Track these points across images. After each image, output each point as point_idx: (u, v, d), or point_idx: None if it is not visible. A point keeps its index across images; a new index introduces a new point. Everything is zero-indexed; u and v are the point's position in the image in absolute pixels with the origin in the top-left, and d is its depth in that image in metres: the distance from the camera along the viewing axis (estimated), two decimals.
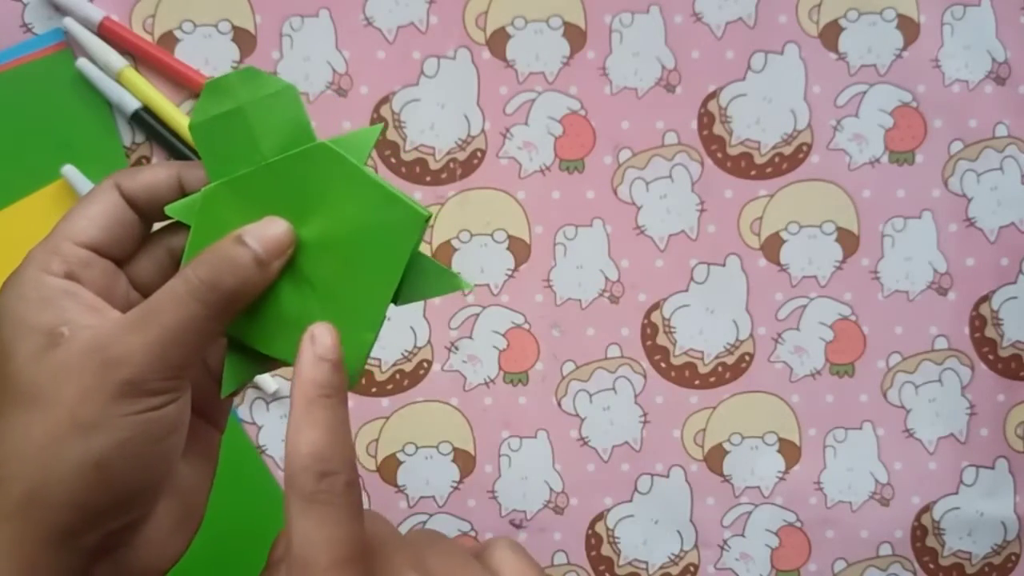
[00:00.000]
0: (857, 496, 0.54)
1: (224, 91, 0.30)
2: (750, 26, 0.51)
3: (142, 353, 0.27)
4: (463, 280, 0.30)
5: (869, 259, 0.53)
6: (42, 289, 0.29)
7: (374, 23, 0.51)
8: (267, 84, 0.30)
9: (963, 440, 0.54)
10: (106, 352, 0.27)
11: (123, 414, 0.27)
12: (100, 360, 0.27)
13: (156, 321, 0.27)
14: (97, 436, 0.27)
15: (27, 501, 0.27)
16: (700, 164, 0.52)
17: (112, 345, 0.27)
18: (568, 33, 0.51)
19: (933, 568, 0.54)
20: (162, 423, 0.28)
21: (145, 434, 0.28)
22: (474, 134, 0.52)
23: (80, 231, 0.30)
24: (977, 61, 0.51)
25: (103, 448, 0.27)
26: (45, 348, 0.28)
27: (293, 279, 0.30)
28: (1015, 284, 0.53)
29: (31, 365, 0.28)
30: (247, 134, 0.30)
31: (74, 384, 0.27)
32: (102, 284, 0.30)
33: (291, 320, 0.30)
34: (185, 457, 0.31)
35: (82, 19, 0.50)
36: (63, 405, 0.27)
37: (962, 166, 0.52)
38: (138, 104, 0.50)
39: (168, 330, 0.27)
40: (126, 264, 0.31)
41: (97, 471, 0.27)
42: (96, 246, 0.30)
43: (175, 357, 0.28)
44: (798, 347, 0.53)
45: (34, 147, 0.51)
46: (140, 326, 0.28)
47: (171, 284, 0.28)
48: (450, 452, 0.53)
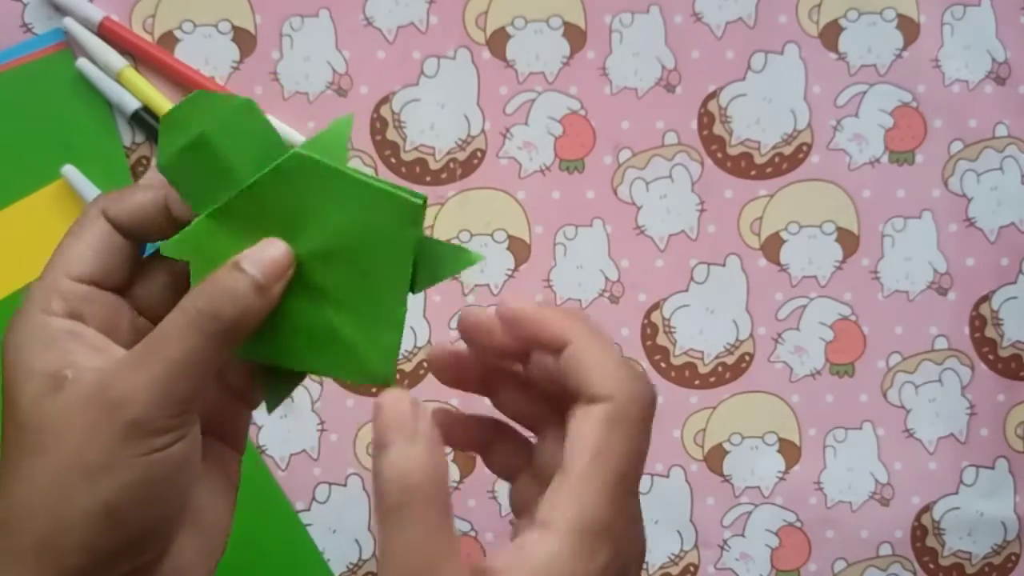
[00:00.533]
0: (857, 496, 0.54)
1: (180, 122, 0.29)
2: (750, 26, 0.51)
3: (146, 391, 0.27)
4: (474, 253, 0.29)
5: (869, 259, 0.53)
6: (45, 331, 0.28)
7: (374, 23, 0.51)
8: (222, 104, 0.29)
9: (963, 440, 0.54)
10: (110, 393, 0.27)
11: (130, 455, 0.27)
12: (104, 401, 0.27)
13: (158, 357, 0.27)
14: (105, 479, 0.27)
15: (39, 547, 0.27)
16: (700, 164, 0.52)
17: (115, 385, 0.27)
18: (568, 33, 0.51)
19: (933, 568, 0.54)
20: (171, 462, 0.28)
21: (154, 474, 0.27)
22: (474, 134, 0.52)
23: (75, 265, 0.29)
24: (977, 61, 0.51)
25: (111, 491, 0.27)
26: (49, 391, 0.27)
27: (306, 292, 0.29)
28: (1015, 284, 0.53)
29: (35, 409, 0.27)
30: (217, 160, 0.29)
31: (79, 427, 0.27)
32: (105, 318, 0.29)
33: (313, 332, 0.29)
34: (204, 483, 0.31)
35: (82, 19, 0.50)
36: (69, 449, 0.27)
37: (962, 166, 0.52)
38: (138, 104, 0.50)
39: (171, 365, 0.27)
40: (128, 291, 0.31)
41: (107, 514, 0.27)
42: (93, 278, 0.29)
43: (180, 392, 0.27)
44: (798, 347, 0.53)
45: (34, 147, 0.51)
46: (142, 363, 0.27)
47: (171, 317, 0.28)
48: (450, 452, 0.53)
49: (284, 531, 0.53)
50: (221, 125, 0.29)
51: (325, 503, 0.53)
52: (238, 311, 0.28)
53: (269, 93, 0.51)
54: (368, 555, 0.53)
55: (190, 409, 0.28)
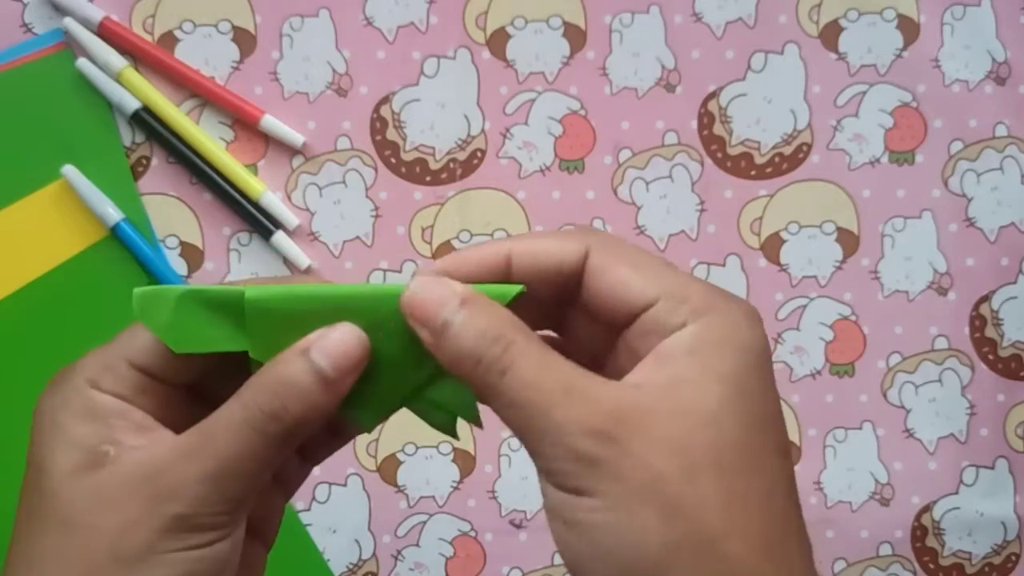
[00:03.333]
0: (857, 496, 0.54)
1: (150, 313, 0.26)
2: (750, 26, 0.51)
3: (196, 485, 0.25)
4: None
5: (869, 259, 0.53)
6: (89, 403, 0.26)
7: (374, 23, 0.51)
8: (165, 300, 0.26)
9: (963, 440, 0.54)
10: (156, 482, 0.25)
11: (170, 550, 0.25)
12: (149, 490, 0.25)
13: (211, 451, 0.25)
14: (138, 572, 0.24)
15: None
16: (700, 164, 0.52)
17: (163, 474, 0.25)
18: (568, 33, 0.51)
19: (933, 568, 0.54)
20: (212, 561, 0.25)
21: (192, 572, 0.25)
22: (474, 134, 0.52)
23: (141, 354, 0.26)
24: (977, 61, 0.51)
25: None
26: (86, 468, 0.25)
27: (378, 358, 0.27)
28: (1015, 284, 0.53)
29: (69, 484, 0.25)
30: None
31: (118, 513, 0.25)
32: (156, 409, 0.27)
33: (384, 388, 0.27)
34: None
35: (82, 19, 0.50)
36: (104, 535, 0.24)
37: (962, 166, 0.52)
38: (138, 104, 0.50)
39: (224, 461, 0.25)
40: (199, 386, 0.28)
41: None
42: (155, 373, 0.27)
43: (232, 490, 0.25)
44: (798, 347, 0.53)
45: (34, 147, 0.51)
46: (194, 455, 0.25)
47: (229, 408, 0.25)
48: (450, 452, 0.53)
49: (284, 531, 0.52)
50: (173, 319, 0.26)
51: (325, 503, 0.53)
52: (302, 409, 0.25)
53: (269, 93, 0.51)
54: (368, 555, 0.53)
55: (241, 508, 0.26)
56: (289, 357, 0.25)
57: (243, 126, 0.51)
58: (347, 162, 0.52)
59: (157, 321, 0.26)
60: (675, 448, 0.23)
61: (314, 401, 0.25)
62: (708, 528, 0.23)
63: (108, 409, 0.26)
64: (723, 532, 0.23)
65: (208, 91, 0.51)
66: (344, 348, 0.26)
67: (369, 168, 0.52)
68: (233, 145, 0.51)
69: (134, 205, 0.51)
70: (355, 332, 0.26)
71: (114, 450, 0.25)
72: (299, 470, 0.31)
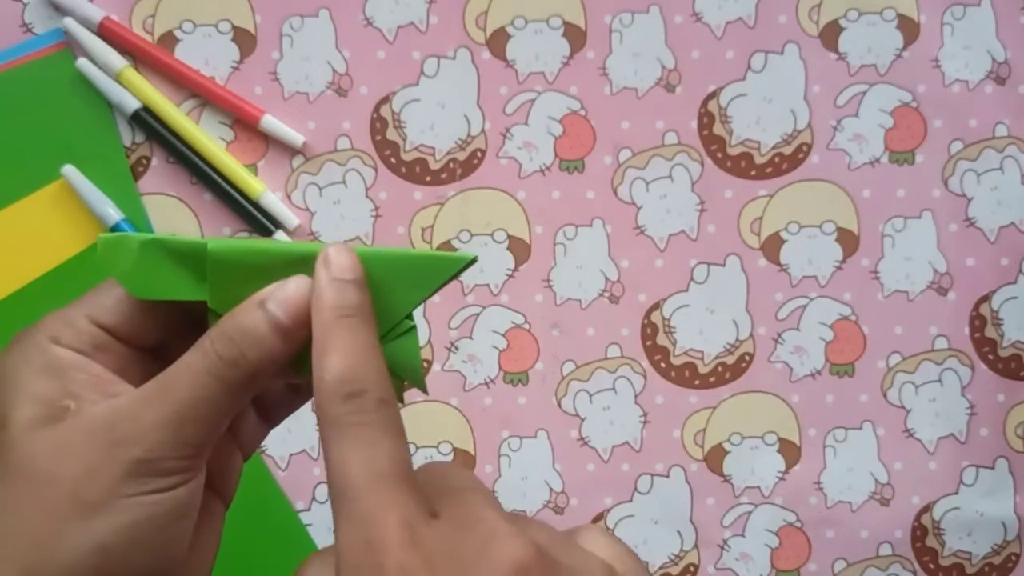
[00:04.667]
0: (857, 496, 0.54)
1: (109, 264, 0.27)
2: (750, 26, 0.51)
3: (155, 430, 0.25)
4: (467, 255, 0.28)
5: (869, 259, 0.53)
6: (50, 358, 0.26)
7: (374, 23, 0.51)
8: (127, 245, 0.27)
9: (963, 440, 0.54)
10: (116, 429, 0.25)
11: (130, 494, 0.25)
12: (109, 437, 0.25)
13: (170, 397, 0.26)
14: (101, 518, 0.25)
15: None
16: (700, 164, 0.52)
17: (123, 421, 0.25)
18: (568, 33, 0.51)
19: (933, 568, 0.54)
20: (172, 505, 0.26)
21: (153, 517, 0.26)
22: (474, 134, 0.52)
23: (103, 311, 0.27)
24: (977, 61, 0.51)
25: (106, 531, 0.25)
26: (47, 420, 0.26)
27: None
28: (1015, 284, 0.53)
29: (28, 437, 0.26)
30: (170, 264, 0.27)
31: (78, 461, 0.25)
32: (116, 367, 0.27)
33: None
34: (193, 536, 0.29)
35: (82, 19, 0.50)
36: (65, 483, 0.25)
37: (962, 166, 0.52)
38: (138, 104, 0.50)
39: (183, 407, 0.25)
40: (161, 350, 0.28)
41: (98, 555, 0.25)
42: (116, 331, 0.27)
43: (191, 435, 0.26)
44: (798, 347, 0.53)
45: (34, 147, 0.51)
46: (153, 402, 0.26)
47: (187, 356, 0.26)
48: (450, 452, 0.53)
49: (284, 531, 0.53)
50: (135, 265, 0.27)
51: (325, 503, 0.53)
52: (259, 357, 0.26)
53: (269, 93, 0.51)
54: None
55: (199, 453, 0.26)
56: (247, 307, 0.26)
57: (243, 126, 0.51)
58: (347, 162, 0.52)
59: (119, 267, 0.27)
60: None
61: (270, 349, 0.26)
62: None
63: (68, 363, 0.26)
64: None
65: (208, 91, 0.51)
66: (299, 298, 0.26)
67: (369, 168, 0.52)
68: (233, 145, 0.51)
69: (134, 205, 0.51)
70: (310, 283, 0.26)
71: (74, 403, 0.26)
72: (258, 430, 0.32)
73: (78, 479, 0.25)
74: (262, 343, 0.26)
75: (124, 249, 0.27)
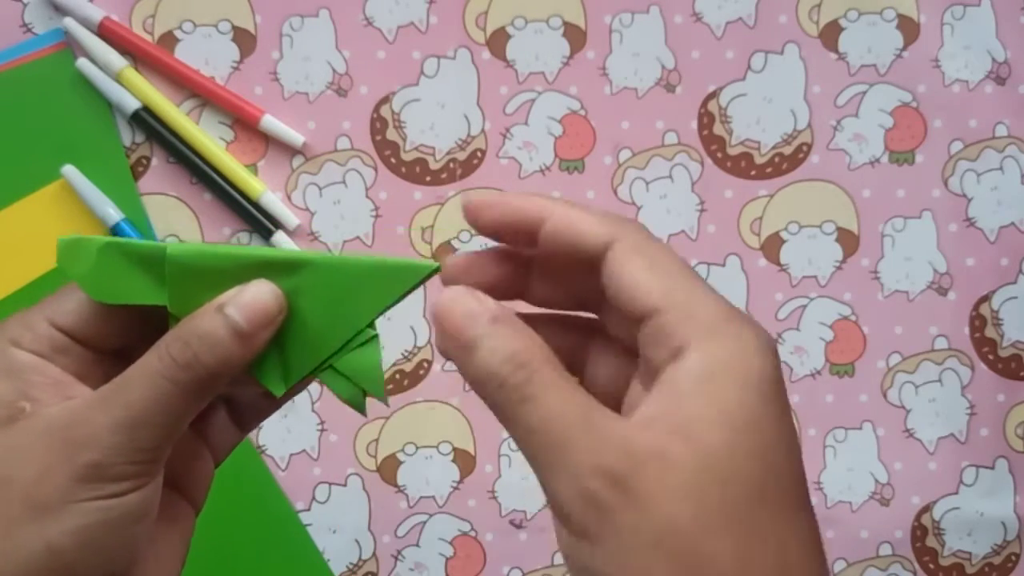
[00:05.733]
0: (857, 496, 0.54)
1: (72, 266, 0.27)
2: (750, 26, 0.51)
3: (108, 434, 0.25)
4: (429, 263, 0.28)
5: (869, 259, 0.53)
6: (6, 360, 0.26)
7: (374, 23, 0.51)
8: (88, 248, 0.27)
9: (963, 440, 0.54)
10: (70, 432, 0.25)
11: (83, 498, 0.25)
12: (62, 440, 0.25)
13: (124, 400, 0.25)
14: (53, 520, 0.25)
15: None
16: (700, 164, 0.52)
17: (77, 424, 0.25)
18: (568, 33, 0.51)
19: (933, 568, 0.54)
20: (125, 510, 0.26)
21: (106, 521, 0.25)
22: (474, 134, 0.52)
23: (63, 314, 0.27)
24: (977, 61, 0.51)
25: (58, 533, 0.25)
26: (2, 423, 0.25)
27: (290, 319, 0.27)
28: (1015, 284, 0.53)
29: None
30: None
31: (32, 464, 0.25)
32: (76, 370, 0.27)
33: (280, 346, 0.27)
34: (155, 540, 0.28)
35: (82, 19, 0.50)
36: (18, 486, 0.25)
37: (962, 166, 0.52)
38: (138, 104, 0.50)
39: (137, 411, 0.25)
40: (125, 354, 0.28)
41: (50, 558, 0.25)
42: (76, 334, 0.27)
43: (144, 440, 0.25)
44: (798, 347, 0.53)
45: (34, 147, 0.51)
46: (108, 405, 0.25)
47: (143, 359, 0.26)
48: (450, 452, 0.53)
49: (284, 531, 0.53)
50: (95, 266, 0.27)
51: (325, 503, 0.53)
52: (215, 361, 0.26)
53: (269, 93, 0.51)
54: (368, 555, 0.53)
55: (155, 458, 0.26)
56: (205, 311, 0.26)
57: (243, 126, 0.51)
58: (347, 162, 0.52)
59: (78, 269, 0.27)
60: (687, 496, 0.23)
61: (228, 354, 0.26)
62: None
63: (25, 366, 0.26)
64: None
65: (208, 91, 0.51)
66: (259, 303, 0.26)
67: (369, 168, 0.52)
68: (233, 145, 0.51)
69: (134, 205, 0.51)
70: (270, 288, 0.26)
71: (30, 405, 0.26)
72: (231, 435, 0.31)
73: (30, 483, 0.25)
74: (219, 347, 0.26)
75: (83, 252, 0.27)
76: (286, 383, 0.28)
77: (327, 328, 0.27)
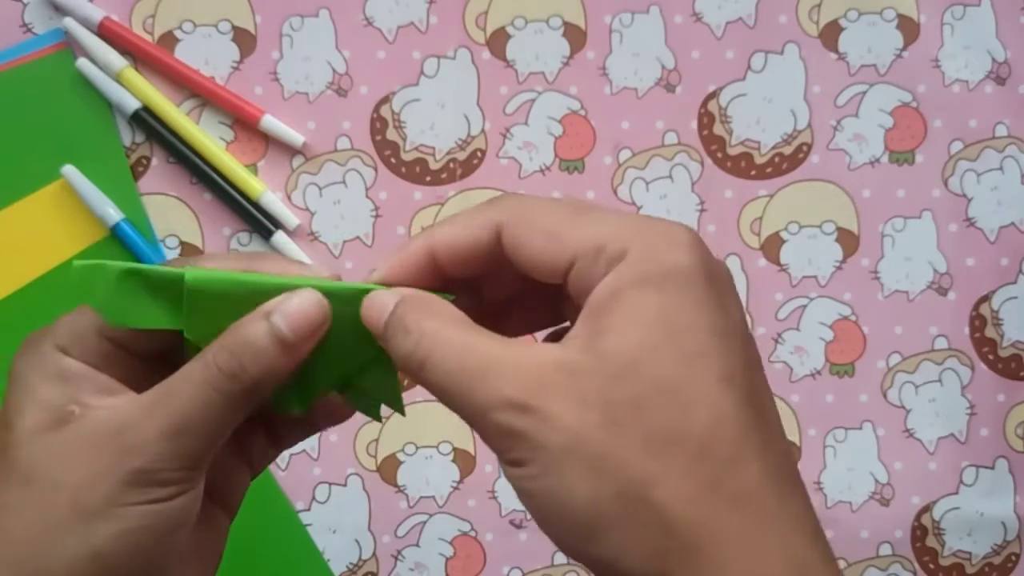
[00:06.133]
0: (857, 496, 0.54)
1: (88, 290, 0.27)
2: (750, 26, 0.51)
3: (155, 440, 0.25)
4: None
5: (869, 259, 0.53)
6: (57, 366, 0.27)
7: (374, 23, 0.51)
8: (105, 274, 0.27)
9: (963, 440, 0.54)
10: (118, 437, 0.25)
11: (129, 503, 0.25)
12: (110, 445, 0.25)
13: (171, 408, 0.26)
14: (99, 525, 0.25)
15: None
16: (700, 164, 0.52)
17: (125, 430, 0.25)
18: (568, 33, 0.51)
19: (933, 568, 0.54)
20: (169, 516, 0.26)
21: (151, 527, 0.26)
22: (474, 134, 0.52)
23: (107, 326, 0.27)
24: (977, 61, 0.51)
25: (104, 539, 0.25)
26: (52, 425, 0.26)
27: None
28: (1015, 284, 0.53)
29: (32, 441, 0.26)
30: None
31: (79, 468, 0.25)
32: (124, 378, 0.27)
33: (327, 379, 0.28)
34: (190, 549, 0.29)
35: (82, 19, 0.50)
36: (65, 489, 0.25)
37: (962, 166, 0.52)
38: (138, 104, 0.50)
39: (183, 419, 0.25)
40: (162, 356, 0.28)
41: (94, 563, 0.25)
42: (124, 343, 0.27)
43: (189, 447, 0.26)
44: (798, 347, 0.53)
45: (34, 147, 0.51)
46: (155, 412, 0.26)
47: (189, 367, 0.26)
48: (450, 452, 0.53)
49: (284, 531, 0.53)
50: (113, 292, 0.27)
51: (325, 503, 0.53)
52: (259, 370, 0.26)
53: (269, 93, 0.51)
54: (368, 555, 0.53)
55: (199, 465, 0.26)
56: (252, 319, 0.26)
57: (243, 126, 0.51)
58: (347, 162, 0.52)
59: (97, 296, 0.27)
60: (592, 403, 0.23)
61: (271, 362, 0.26)
62: (634, 478, 0.22)
63: (76, 372, 0.26)
64: (651, 480, 0.22)
65: (208, 91, 0.51)
66: (304, 312, 0.26)
67: (369, 168, 0.52)
68: (233, 145, 0.51)
69: (134, 205, 0.51)
70: (316, 297, 0.26)
71: (79, 410, 0.26)
72: (267, 450, 0.32)
73: (77, 487, 0.25)
74: (263, 356, 0.26)
75: (102, 278, 0.27)
76: (304, 403, 0.29)
77: (345, 346, 0.28)
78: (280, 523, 0.53)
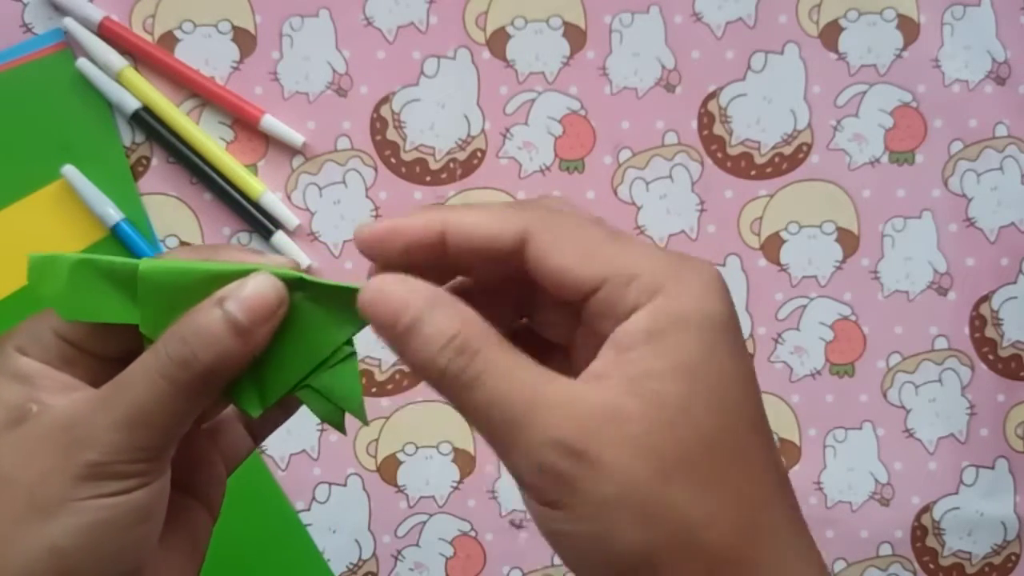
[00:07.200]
0: (857, 496, 0.54)
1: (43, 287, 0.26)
2: (750, 26, 0.51)
3: (108, 433, 0.25)
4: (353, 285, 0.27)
5: (869, 259, 0.53)
6: (16, 366, 0.26)
7: (374, 23, 0.51)
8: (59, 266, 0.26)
9: (963, 440, 0.54)
10: (71, 432, 0.25)
11: (85, 497, 0.25)
12: (65, 439, 0.25)
13: (123, 399, 0.25)
14: (56, 520, 0.25)
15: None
16: (700, 164, 0.52)
17: (78, 424, 0.25)
18: (568, 33, 0.51)
19: (933, 568, 0.54)
20: (128, 510, 0.25)
21: (108, 520, 0.25)
22: (474, 134, 0.52)
23: (67, 325, 0.27)
24: (977, 61, 0.51)
25: (61, 534, 0.25)
26: (9, 424, 0.25)
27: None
28: (1015, 284, 0.53)
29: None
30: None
31: (35, 464, 0.25)
32: (85, 376, 0.27)
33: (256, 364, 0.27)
34: (167, 544, 0.28)
35: (82, 19, 0.50)
36: (21, 486, 0.25)
37: (962, 166, 0.52)
38: (138, 104, 0.50)
39: (135, 409, 0.25)
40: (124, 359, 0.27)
41: (53, 559, 0.25)
42: (83, 344, 0.27)
43: (144, 439, 0.25)
44: (798, 347, 0.53)
45: (34, 147, 0.51)
46: (106, 404, 0.25)
47: (142, 358, 0.25)
48: (450, 452, 0.53)
49: (284, 531, 0.53)
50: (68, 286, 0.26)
51: (325, 503, 0.53)
52: (213, 358, 0.25)
53: (269, 93, 0.51)
54: (368, 555, 0.53)
55: (157, 457, 0.26)
56: (205, 306, 0.25)
57: (243, 126, 0.51)
58: (347, 162, 0.52)
59: (50, 289, 0.26)
60: (645, 451, 0.23)
61: (226, 349, 0.25)
62: (686, 522, 0.23)
63: (34, 372, 0.26)
64: (702, 523, 0.23)
65: (208, 91, 0.51)
66: (259, 295, 0.25)
67: (369, 168, 0.52)
68: (233, 145, 0.51)
69: (134, 205, 0.51)
70: (271, 281, 0.26)
71: (37, 407, 0.26)
72: (243, 442, 0.31)
73: (33, 483, 0.25)
74: (217, 344, 0.25)
75: (55, 270, 0.26)
76: (263, 404, 0.27)
77: (304, 345, 0.27)
78: (280, 523, 0.53)
